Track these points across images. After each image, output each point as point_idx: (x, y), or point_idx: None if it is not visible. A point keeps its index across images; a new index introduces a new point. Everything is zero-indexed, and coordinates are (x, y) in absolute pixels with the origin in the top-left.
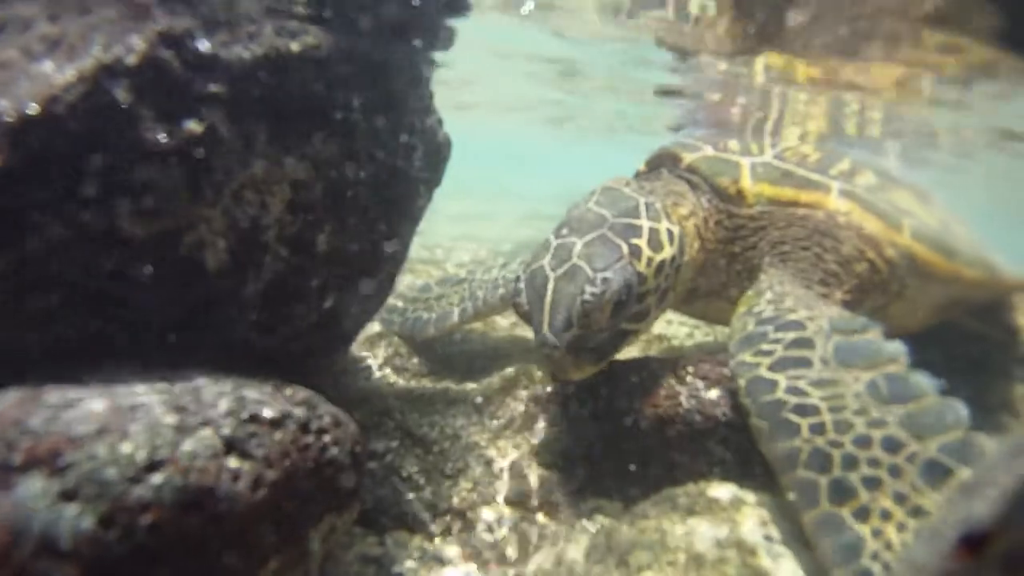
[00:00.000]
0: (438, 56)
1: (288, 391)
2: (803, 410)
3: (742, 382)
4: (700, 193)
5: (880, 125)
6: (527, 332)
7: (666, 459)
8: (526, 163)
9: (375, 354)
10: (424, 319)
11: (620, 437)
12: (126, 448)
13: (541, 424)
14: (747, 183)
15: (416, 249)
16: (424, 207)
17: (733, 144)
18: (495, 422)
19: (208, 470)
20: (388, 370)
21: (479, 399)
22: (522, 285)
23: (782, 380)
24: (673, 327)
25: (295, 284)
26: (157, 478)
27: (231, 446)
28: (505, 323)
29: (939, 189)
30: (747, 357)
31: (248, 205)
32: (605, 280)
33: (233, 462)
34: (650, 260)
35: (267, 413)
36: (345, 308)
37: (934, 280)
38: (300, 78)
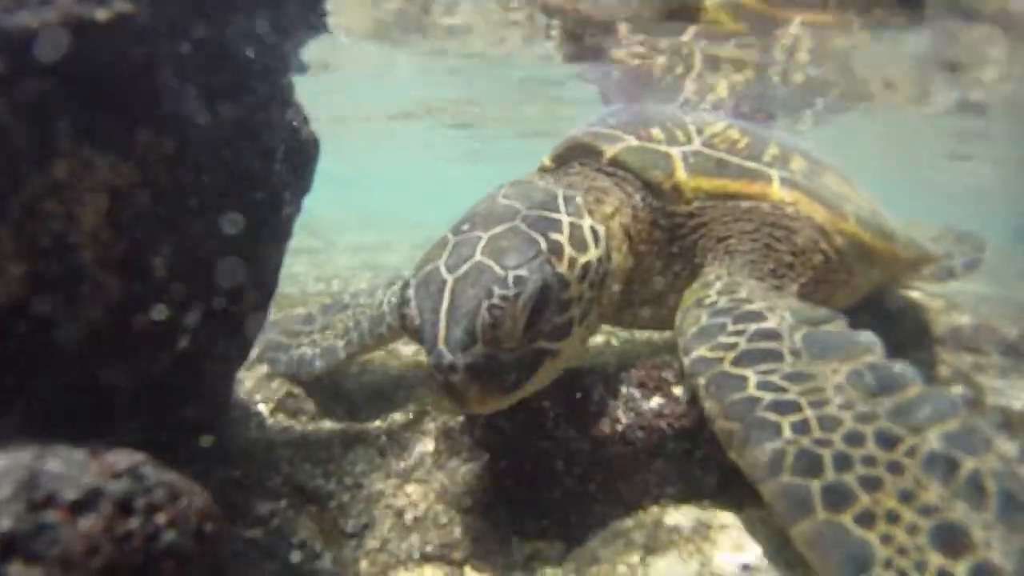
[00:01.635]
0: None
1: (110, 457)
2: (782, 407)
3: (702, 380)
4: (627, 190)
5: (805, 71)
6: None
7: (609, 487)
8: (426, 190)
9: (266, 397)
10: (309, 356)
11: (550, 467)
12: None
13: (455, 462)
14: (682, 176)
15: (311, 282)
16: (292, 217)
17: (656, 132)
18: (402, 464)
19: None
20: (281, 415)
21: (382, 439)
22: (411, 292)
23: (751, 375)
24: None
25: (131, 320)
26: None
27: (11, 547)
28: (408, 350)
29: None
30: (705, 352)
31: (49, 219)
32: (519, 279)
33: (15, 570)
34: (573, 261)
35: (69, 494)
36: (206, 347)
37: (876, 264)
38: (113, 56)
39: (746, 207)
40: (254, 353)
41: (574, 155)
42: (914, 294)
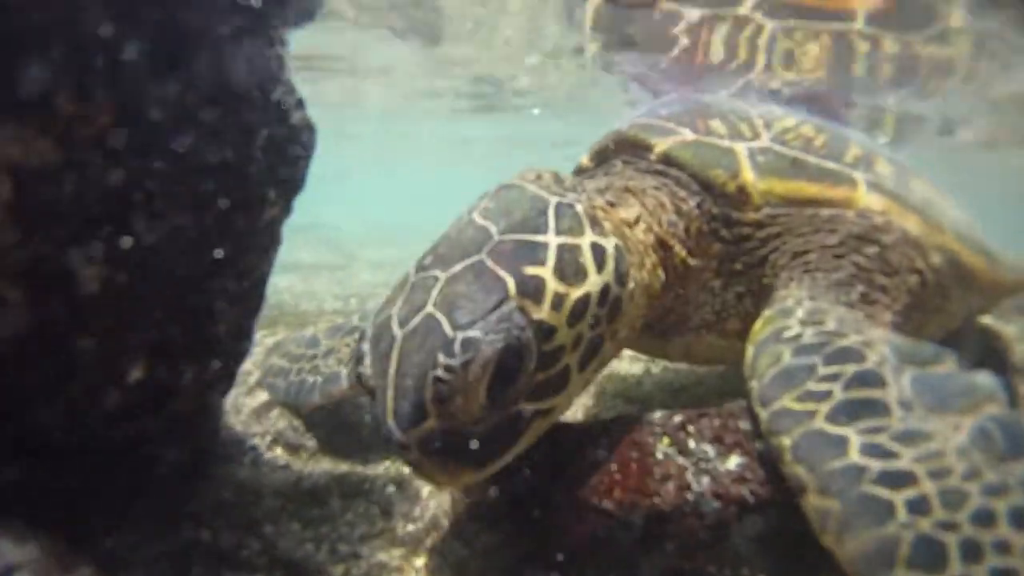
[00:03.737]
0: None
1: None
2: (893, 479)
3: (787, 440)
4: (679, 194)
5: (894, 63)
6: None
7: (673, 570)
8: (455, 204)
9: (264, 429)
10: (308, 384)
11: (597, 542)
12: None
13: (476, 526)
14: (750, 177)
15: (329, 299)
16: (279, 220)
17: (716, 125)
18: (411, 527)
19: None
20: (279, 450)
21: (389, 488)
22: (365, 347)
23: (853, 436)
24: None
25: (55, 348)
26: None
27: None
28: None
29: None
30: (790, 403)
31: None
32: (467, 343)
33: None
34: (560, 300)
35: None
36: (172, 380)
37: (974, 289)
38: None
39: (827, 215)
40: (254, 378)
41: (617, 152)
42: (985, 319)
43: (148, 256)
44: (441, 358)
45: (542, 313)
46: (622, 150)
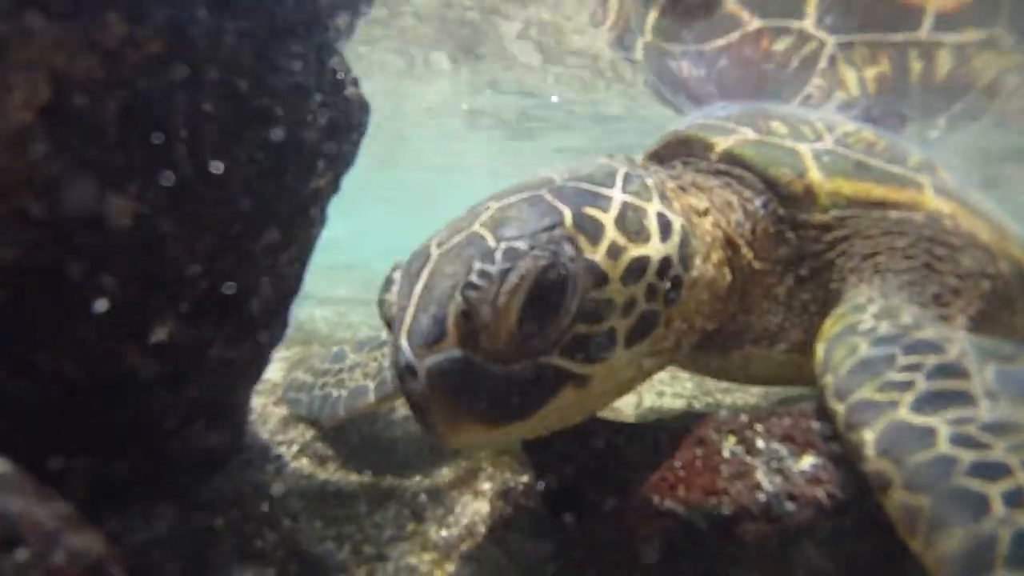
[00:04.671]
0: None
1: None
2: (987, 470)
3: (869, 434)
4: (743, 193)
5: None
6: None
7: None
8: None
9: (291, 439)
10: (333, 398)
11: (652, 550)
12: None
13: (516, 536)
14: (817, 177)
15: (365, 329)
16: (326, 195)
17: (778, 126)
18: (444, 532)
19: None
20: (304, 460)
21: (422, 497)
22: (396, 275)
23: (940, 426)
24: (664, 397)
25: (72, 282)
26: None
27: None
28: None
29: None
30: (871, 394)
31: None
32: (511, 252)
33: None
34: (617, 249)
35: None
36: (197, 352)
37: None
38: None
39: (896, 218)
40: (279, 392)
41: (676, 152)
42: None
43: (186, 202)
44: (477, 264)
45: (596, 255)
46: (681, 151)
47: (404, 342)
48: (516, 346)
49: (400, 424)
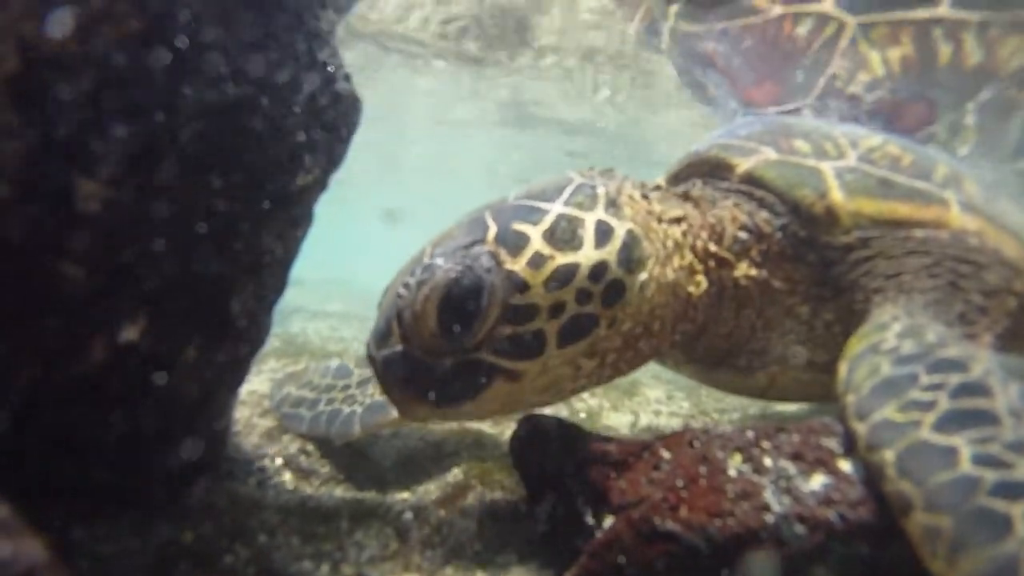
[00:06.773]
0: None
1: None
2: (1010, 490)
3: (889, 454)
4: (762, 216)
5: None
6: (482, 424)
7: None
8: None
9: (275, 451)
10: (345, 414)
11: (652, 572)
12: None
13: (507, 557)
14: (838, 197)
15: (355, 344)
16: (313, 192)
17: (800, 144)
18: (429, 552)
19: None
20: (288, 473)
21: (407, 515)
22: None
23: (963, 446)
24: (661, 416)
25: (35, 268)
26: None
27: None
28: None
29: None
30: (892, 414)
31: None
32: (428, 267)
33: None
34: (540, 259)
35: None
36: (171, 353)
37: None
38: None
39: (921, 237)
40: (265, 404)
41: (696, 172)
42: None
43: (162, 190)
44: (407, 278)
45: (515, 265)
46: (701, 171)
47: (370, 339)
48: (443, 343)
49: (386, 440)
